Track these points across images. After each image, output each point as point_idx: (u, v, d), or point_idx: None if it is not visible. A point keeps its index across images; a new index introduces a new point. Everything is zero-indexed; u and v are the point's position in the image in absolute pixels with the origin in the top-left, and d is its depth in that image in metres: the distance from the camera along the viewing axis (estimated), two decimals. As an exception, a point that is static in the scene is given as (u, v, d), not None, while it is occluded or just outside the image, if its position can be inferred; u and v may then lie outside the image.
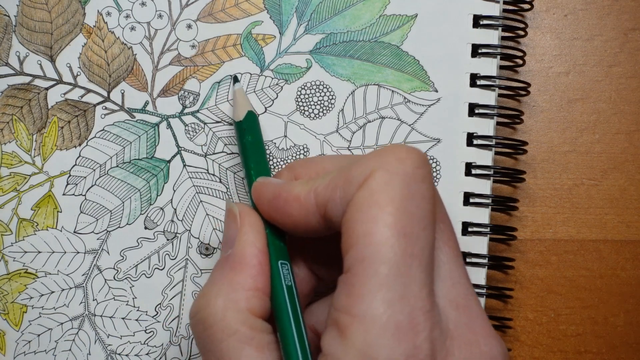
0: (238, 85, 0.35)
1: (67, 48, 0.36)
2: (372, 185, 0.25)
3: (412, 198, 0.25)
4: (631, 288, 0.39)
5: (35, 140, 0.36)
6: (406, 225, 0.24)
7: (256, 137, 0.33)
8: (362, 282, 0.24)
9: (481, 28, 0.36)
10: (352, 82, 0.36)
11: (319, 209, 0.27)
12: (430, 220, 0.25)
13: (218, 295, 0.27)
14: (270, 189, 0.29)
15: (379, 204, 0.24)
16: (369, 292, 0.24)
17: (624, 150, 0.39)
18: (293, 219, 0.28)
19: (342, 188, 0.26)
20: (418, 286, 0.24)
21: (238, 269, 0.28)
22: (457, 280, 0.27)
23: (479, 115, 0.36)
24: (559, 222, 0.39)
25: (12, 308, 0.36)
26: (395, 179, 0.25)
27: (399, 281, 0.24)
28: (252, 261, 0.28)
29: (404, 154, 0.25)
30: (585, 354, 0.38)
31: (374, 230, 0.24)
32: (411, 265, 0.24)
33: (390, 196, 0.24)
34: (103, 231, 0.36)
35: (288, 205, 0.28)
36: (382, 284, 0.24)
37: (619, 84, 0.39)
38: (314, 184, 0.27)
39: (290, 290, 0.28)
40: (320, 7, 0.36)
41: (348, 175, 0.26)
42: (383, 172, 0.25)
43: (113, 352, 0.36)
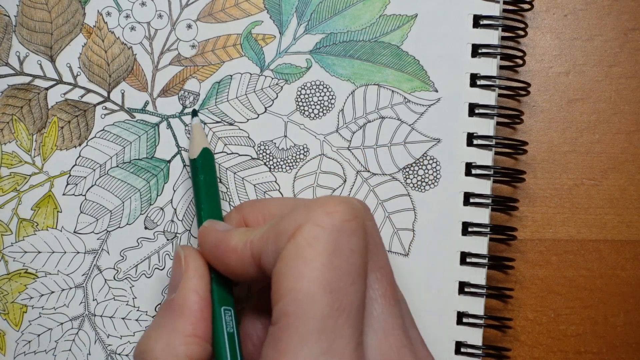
0: (196, 120, 0.35)
1: (67, 48, 0.36)
2: (299, 240, 0.25)
3: (339, 252, 0.25)
4: (631, 288, 0.39)
5: (35, 140, 0.36)
6: (332, 280, 0.24)
7: (210, 176, 0.33)
8: (287, 336, 0.24)
9: (481, 28, 0.36)
10: (352, 82, 0.36)
11: (255, 260, 0.27)
12: (359, 273, 0.25)
13: (158, 339, 0.27)
14: (212, 237, 0.29)
15: (305, 259, 0.25)
16: (294, 347, 0.24)
17: (624, 150, 0.39)
18: (231, 269, 0.28)
19: (273, 241, 0.26)
20: (344, 341, 0.24)
21: (179, 315, 0.28)
22: (390, 333, 0.26)
23: (479, 115, 0.36)
24: (559, 222, 0.39)
25: (12, 308, 0.36)
26: (323, 233, 0.25)
27: (323, 337, 0.24)
28: (193, 307, 0.28)
29: (333, 207, 0.26)
30: (585, 354, 0.38)
31: (299, 285, 0.24)
32: (337, 320, 0.24)
33: (317, 251, 0.25)
34: (103, 231, 0.36)
35: (226, 255, 0.28)
36: (306, 339, 0.24)
37: (619, 84, 0.39)
38: (250, 236, 0.28)
39: (231, 337, 0.28)
40: (320, 7, 0.36)
41: (279, 229, 0.26)
42: (311, 226, 0.25)
43: (113, 352, 0.36)
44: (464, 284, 0.35)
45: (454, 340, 0.35)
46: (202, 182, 0.32)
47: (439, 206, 0.36)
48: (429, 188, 0.36)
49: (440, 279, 0.35)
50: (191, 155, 0.33)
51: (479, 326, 0.35)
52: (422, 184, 0.36)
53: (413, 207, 0.36)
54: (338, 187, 0.36)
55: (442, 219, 0.36)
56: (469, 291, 0.35)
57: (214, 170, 0.33)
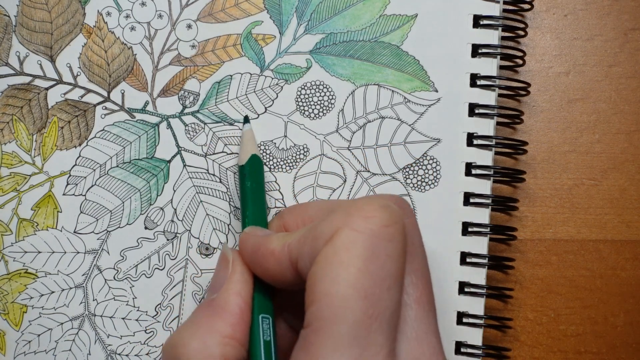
0: (247, 127, 0.35)
1: (67, 48, 0.36)
2: (337, 244, 0.25)
3: (376, 258, 0.25)
4: (631, 288, 0.39)
5: (36, 140, 0.36)
6: (368, 286, 0.24)
7: (257, 182, 0.33)
8: (320, 341, 0.24)
9: (481, 28, 0.36)
10: (352, 82, 0.36)
11: (292, 264, 0.27)
12: (395, 280, 0.25)
13: (194, 336, 0.27)
14: (252, 242, 0.29)
15: (342, 263, 0.24)
16: (325, 353, 0.24)
17: (624, 150, 0.39)
18: (270, 272, 0.28)
19: (310, 244, 0.26)
20: (376, 348, 0.24)
21: (219, 315, 0.28)
22: (423, 339, 0.26)
23: (479, 115, 0.36)
24: (559, 222, 0.39)
25: (12, 308, 0.36)
26: (360, 238, 0.25)
27: (356, 343, 0.24)
28: (234, 309, 0.28)
29: (372, 212, 0.25)
30: (585, 354, 0.38)
31: (334, 289, 0.24)
32: (370, 327, 0.24)
33: (353, 255, 0.24)
34: (103, 231, 0.36)
35: (265, 259, 0.28)
36: (339, 344, 0.24)
37: (619, 84, 0.39)
38: (289, 239, 0.28)
39: (267, 346, 0.28)
40: (320, 7, 0.36)
41: (316, 232, 0.26)
42: (348, 231, 0.25)
43: (113, 352, 0.36)
44: (464, 284, 0.35)
45: (454, 340, 0.35)
46: (248, 189, 0.32)
47: (439, 206, 0.36)
48: (429, 188, 0.36)
49: (440, 279, 0.35)
50: (240, 162, 0.33)
51: (479, 326, 0.35)
52: (422, 184, 0.36)
53: (413, 207, 0.36)
54: (338, 187, 0.36)
55: (442, 219, 0.36)
56: (469, 291, 0.35)
57: (262, 177, 0.33)
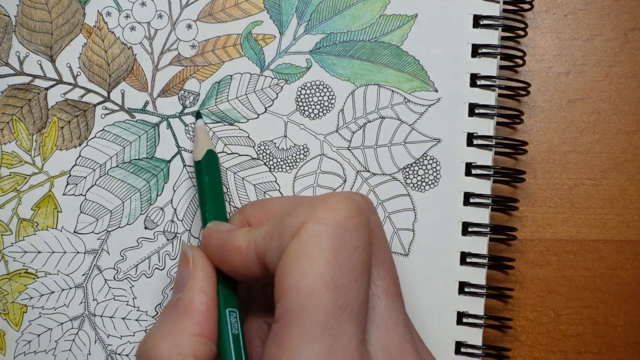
0: (200, 122, 0.35)
1: (67, 48, 0.36)
2: (303, 237, 0.25)
3: (343, 249, 0.25)
4: (631, 288, 0.39)
5: (35, 140, 0.36)
6: (336, 277, 0.24)
7: (214, 177, 0.33)
8: (290, 334, 0.24)
9: (481, 28, 0.36)
10: (352, 82, 0.36)
11: (259, 259, 0.27)
12: (362, 270, 0.25)
13: (164, 339, 0.27)
14: (216, 237, 0.29)
15: (309, 256, 0.24)
16: (297, 345, 0.24)
17: (624, 150, 0.39)
18: (236, 268, 0.28)
19: (277, 239, 0.26)
20: (346, 338, 0.24)
21: (186, 315, 0.28)
22: (393, 328, 0.27)
23: (479, 115, 0.36)
24: (559, 222, 0.39)
25: (12, 308, 0.36)
26: (326, 230, 0.25)
27: (326, 334, 0.24)
28: (200, 307, 0.28)
29: (336, 204, 0.26)
30: (585, 354, 0.38)
31: (302, 282, 0.24)
32: (340, 317, 0.24)
33: (320, 248, 0.25)
34: (103, 231, 0.36)
35: (230, 255, 0.28)
36: (310, 336, 0.24)
37: (619, 84, 0.39)
38: (254, 234, 0.28)
39: (236, 339, 0.28)
40: (320, 7, 0.36)
41: (282, 226, 0.26)
42: (314, 223, 0.25)
43: (113, 352, 0.36)
44: (464, 284, 0.35)
45: (454, 340, 0.35)
46: (206, 184, 0.32)
47: (439, 206, 0.36)
48: (429, 188, 0.36)
49: (440, 279, 0.35)
50: (195, 157, 0.33)
51: (479, 326, 0.35)
52: (422, 184, 0.36)
53: (413, 207, 0.36)
54: (338, 187, 0.36)
55: (442, 219, 0.36)
56: (469, 291, 0.35)
57: (219, 172, 0.33)
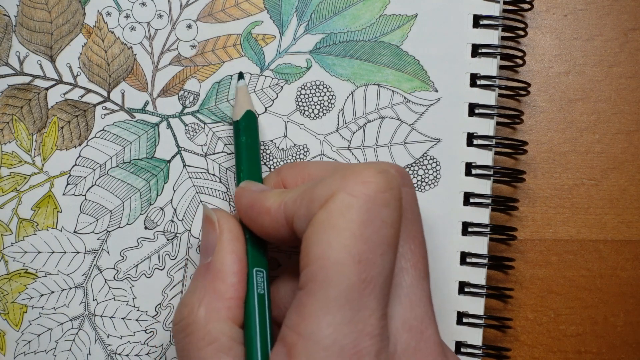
0: (241, 83, 0.34)
1: (67, 48, 0.36)
2: (332, 208, 0.25)
3: (371, 223, 0.25)
4: (631, 288, 0.39)
5: (35, 140, 0.36)
6: (362, 250, 0.24)
7: (252, 138, 0.33)
8: (312, 302, 0.24)
9: (481, 28, 0.36)
10: (352, 82, 0.36)
11: (288, 223, 0.27)
12: (389, 246, 0.25)
13: (200, 304, 0.27)
14: (247, 197, 0.29)
15: (336, 228, 0.24)
16: (317, 314, 0.24)
17: (624, 150, 0.39)
18: (265, 229, 0.28)
19: (306, 206, 0.26)
20: (368, 311, 0.24)
21: (219, 278, 0.28)
22: (416, 303, 0.26)
23: (479, 115, 0.36)
24: (559, 222, 0.39)
25: (12, 308, 0.36)
26: (356, 203, 0.25)
27: (348, 306, 0.24)
28: (232, 269, 0.28)
29: (369, 177, 0.25)
30: (585, 354, 0.38)
31: (328, 253, 0.24)
32: (363, 291, 0.24)
33: (348, 220, 0.24)
34: (103, 231, 0.36)
35: (260, 216, 0.28)
36: (331, 307, 0.24)
37: (619, 84, 0.39)
38: (285, 197, 0.27)
39: (261, 299, 0.28)
40: (320, 7, 0.36)
41: (312, 194, 0.26)
42: (344, 195, 0.25)
43: (113, 352, 0.36)
44: (464, 284, 0.35)
45: (454, 340, 0.35)
46: (243, 144, 0.32)
47: (439, 206, 0.36)
48: (429, 188, 0.36)
49: (440, 279, 0.35)
50: (235, 117, 0.33)
51: (479, 326, 0.35)
52: (422, 184, 0.36)
53: (413, 207, 0.36)
54: (338, 187, 0.36)
55: (442, 218, 0.36)
56: (469, 291, 0.35)
57: (257, 133, 0.33)
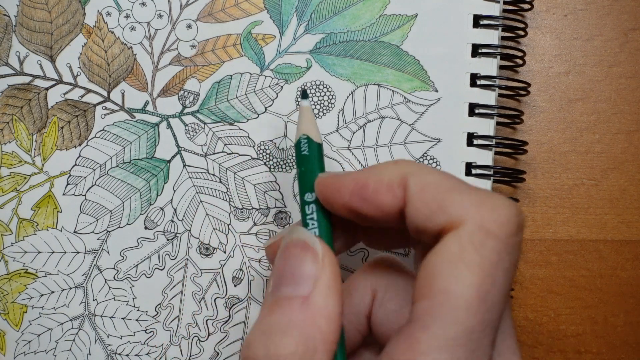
0: (305, 103, 0.30)
1: (67, 48, 0.36)
2: (464, 240, 0.23)
3: (500, 265, 0.23)
4: (631, 288, 0.39)
5: (35, 140, 0.36)
6: (489, 292, 0.23)
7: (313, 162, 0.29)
8: (429, 338, 0.22)
9: (481, 28, 0.36)
10: (352, 82, 0.36)
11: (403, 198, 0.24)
12: (508, 289, 0.24)
13: (298, 342, 0.23)
14: (350, 179, 0.25)
15: (467, 264, 0.23)
16: (433, 352, 0.22)
17: (624, 150, 0.39)
18: (383, 210, 0.25)
19: (429, 207, 0.24)
20: (481, 353, 0.23)
21: (324, 317, 0.24)
22: (514, 351, 0.26)
23: (479, 115, 0.36)
24: (559, 222, 0.39)
25: (12, 308, 0.36)
26: (490, 242, 0.23)
27: (466, 347, 0.22)
28: (337, 310, 0.25)
29: (506, 217, 0.23)
30: (585, 354, 0.38)
31: (455, 289, 0.22)
32: (482, 332, 0.23)
33: (480, 258, 0.23)
34: (103, 231, 0.36)
35: (380, 195, 0.25)
36: (450, 346, 0.22)
37: (619, 84, 0.39)
38: (404, 170, 0.24)
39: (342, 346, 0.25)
40: (320, 7, 0.36)
41: (441, 202, 0.24)
42: (479, 229, 0.23)
43: (113, 352, 0.36)
44: (464, 284, 0.35)
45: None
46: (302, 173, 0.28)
47: (439, 206, 0.36)
48: (429, 188, 0.36)
49: (440, 279, 0.35)
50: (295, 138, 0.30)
51: (479, 326, 0.35)
52: (422, 184, 0.36)
53: (413, 207, 0.36)
54: (338, 187, 0.36)
55: (442, 219, 0.36)
56: (469, 291, 0.35)
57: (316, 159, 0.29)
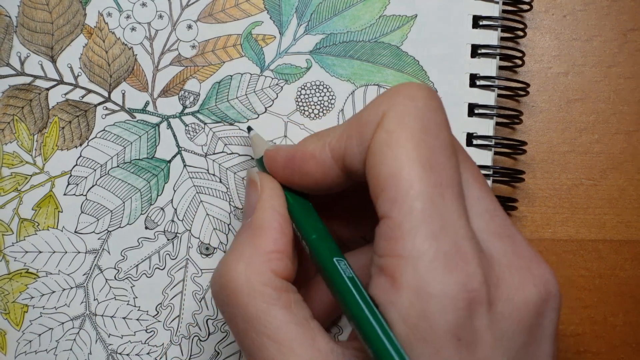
0: (253, 132, 0.34)
1: (68, 49, 0.36)
2: (388, 126, 0.25)
3: (428, 130, 0.24)
4: (630, 288, 0.39)
5: (36, 140, 0.36)
6: (430, 157, 0.24)
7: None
8: (400, 222, 0.23)
9: (481, 28, 0.36)
10: (352, 82, 0.36)
11: (337, 162, 0.27)
12: (451, 149, 0.25)
13: (240, 259, 0.27)
14: (283, 152, 0.29)
15: (399, 142, 0.24)
16: (410, 231, 0.23)
17: (623, 151, 0.39)
18: (312, 176, 0.28)
19: (357, 136, 0.26)
20: (456, 215, 0.24)
21: (258, 233, 0.28)
22: (494, 213, 0.26)
23: (478, 115, 0.36)
24: (558, 222, 0.39)
25: (13, 308, 0.36)
26: (409, 115, 0.25)
27: (435, 214, 0.23)
28: (272, 224, 0.28)
29: (412, 91, 0.25)
30: (585, 354, 0.38)
31: (399, 169, 0.24)
32: (444, 195, 0.24)
33: (407, 133, 0.24)
34: (104, 231, 0.36)
35: (305, 163, 0.28)
36: (420, 219, 0.23)
37: (618, 84, 0.39)
38: (327, 138, 0.27)
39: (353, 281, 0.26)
40: (320, 8, 0.36)
41: (361, 122, 0.26)
42: (396, 111, 0.25)
43: (114, 352, 0.36)
44: (464, 284, 0.35)
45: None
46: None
47: (439, 206, 0.36)
48: (428, 188, 0.36)
49: (439, 279, 0.35)
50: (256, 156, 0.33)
51: (478, 326, 0.35)
52: (421, 184, 0.36)
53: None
54: (338, 187, 0.36)
55: (442, 218, 0.36)
56: (469, 291, 0.35)
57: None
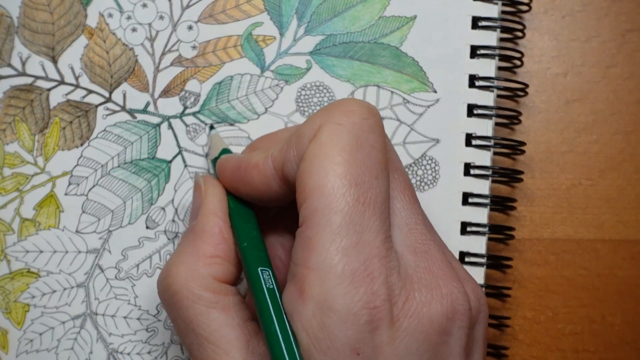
0: (214, 132, 0.36)
1: (69, 49, 0.36)
2: (321, 139, 0.25)
3: (361, 148, 0.25)
4: (628, 287, 0.39)
5: (37, 140, 0.36)
6: (357, 174, 0.25)
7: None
8: (316, 233, 0.24)
9: (480, 29, 0.36)
10: (351, 83, 0.36)
11: (278, 173, 0.28)
12: (382, 168, 0.26)
13: (181, 263, 0.28)
14: (232, 161, 0.30)
15: (329, 156, 0.25)
16: (323, 243, 0.24)
17: (622, 151, 0.39)
18: (254, 186, 0.29)
19: (295, 147, 0.27)
20: (372, 234, 0.24)
21: (200, 238, 0.29)
22: (413, 227, 0.27)
23: (477, 115, 0.36)
24: (556, 222, 0.39)
25: (14, 307, 0.36)
26: (343, 131, 0.25)
27: (352, 230, 0.24)
28: (213, 230, 0.29)
29: (351, 107, 0.26)
30: (583, 353, 0.39)
31: (324, 181, 0.24)
32: (364, 213, 0.24)
33: (339, 147, 0.25)
34: (105, 231, 0.36)
35: (248, 173, 0.29)
36: (335, 233, 0.24)
37: (617, 85, 0.39)
38: (270, 150, 0.28)
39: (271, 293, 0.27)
40: (320, 9, 0.36)
41: (299, 134, 0.27)
42: (331, 125, 0.26)
43: (115, 351, 0.36)
44: (463, 283, 0.36)
45: (452, 338, 0.36)
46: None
47: (438, 206, 0.36)
48: (428, 188, 0.36)
49: (439, 278, 0.36)
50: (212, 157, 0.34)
51: (477, 325, 0.35)
52: (421, 184, 0.36)
53: (412, 207, 0.36)
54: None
55: (441, 218, 0.36)
56: (468, 290, 0.36)
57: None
